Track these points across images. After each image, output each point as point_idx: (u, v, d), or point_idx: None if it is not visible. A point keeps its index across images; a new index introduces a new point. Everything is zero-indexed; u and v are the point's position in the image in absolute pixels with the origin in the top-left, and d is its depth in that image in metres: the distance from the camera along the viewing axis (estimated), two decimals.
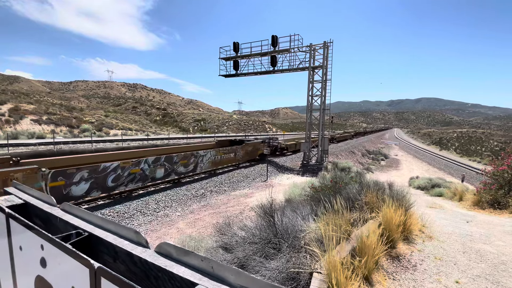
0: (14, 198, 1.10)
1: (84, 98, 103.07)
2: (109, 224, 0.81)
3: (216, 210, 9.47)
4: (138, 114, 75.67)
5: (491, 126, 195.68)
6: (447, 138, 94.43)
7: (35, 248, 0.78)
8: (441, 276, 3.32)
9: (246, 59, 20.73)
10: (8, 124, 25.62)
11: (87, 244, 0.79)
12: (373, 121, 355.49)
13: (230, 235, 4.58)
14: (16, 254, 0.90)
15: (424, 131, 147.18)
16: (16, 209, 0.98)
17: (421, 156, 48.82)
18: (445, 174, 30.38)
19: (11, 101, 33.33)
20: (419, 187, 13.92)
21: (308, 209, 4.93)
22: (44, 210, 0.95)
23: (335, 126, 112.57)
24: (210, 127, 65.00)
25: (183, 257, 0.64)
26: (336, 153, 27.82)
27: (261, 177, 15.11)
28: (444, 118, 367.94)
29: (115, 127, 36.19)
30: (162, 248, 0.68)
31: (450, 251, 4.06)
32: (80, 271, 0.62)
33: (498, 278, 3.27)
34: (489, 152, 66.09)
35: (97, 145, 19.48)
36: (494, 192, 7.79)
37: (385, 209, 4.24)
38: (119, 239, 0.75)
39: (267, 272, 3.15)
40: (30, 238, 0.78)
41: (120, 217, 8.29)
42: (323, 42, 18.35)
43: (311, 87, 19.17)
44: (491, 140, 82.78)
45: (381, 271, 3.41)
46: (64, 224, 0.88)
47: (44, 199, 1.03)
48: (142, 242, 0.72)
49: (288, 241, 3.60)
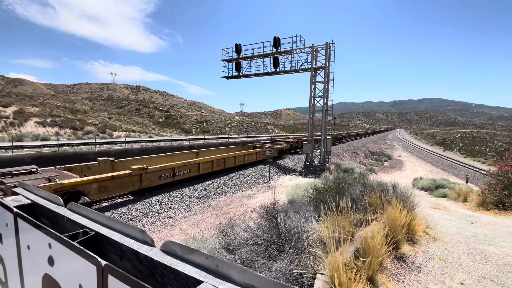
0: (22, 198, 1.11)
1: (88, 101, 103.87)
2: (115, 223, 0.83)
3: (219, 211, 9.48)
4: (141, 116, 76.08)
5: (495, 126, 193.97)
6: (451, 138, 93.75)
7: (43, 247, 0.79)
8: (445, 278, 3.30)
9: (248, 60, 20.78)
10: (12, 127, 25.89)
11: (94, 242, 0.81)
12: (376, 121, 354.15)
13: (233, 236, 4.59)
14: (24, 253, 0.92)
15: (427, 131, 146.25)
16: (24, 209, 1.00)
17: (424, 157, 48.51)
18: (449, 175, 30.13)
19: (15, 103, 33.68)
20: (423, 188, 13.81)
21: (311, 210, 4.92)
22: (51, 210, 0.97)
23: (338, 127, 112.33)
24: (212, 128, 65.14)
25: (188, 255, 0.65)
26: (339, 154, 27.73)
27: (263, 178, 15.10)
28: (448, 118, 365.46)
29: (119, 129, 36.41)
30: (168, 246, 0.69)
31: (454, 252, 4.03)
32: (88, 269, 0.63)
33: (503, 280, 3.24)
34: (493, 152, 65.48)
35: (100, 147, 19.60)
36: (499, 193, 7.71)
37: (390, 210, 4.21)
38: (125, 237, 0.76)
39: (270, 273, 3.15)
40: (38, 237, 0.80)
41: (124, 218, 8.33)
42: (325, 43, 18.35)
43: (313, 88, 19.16)
44: (495, 141, 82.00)
45: (385, 272, 3.39)
46: (71, 223, 0.89)
47: (51, 199, 1.05)
48: (148, 240, 0.73)
49: (291, 242, 3.60)
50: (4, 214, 0.98)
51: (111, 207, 8.98)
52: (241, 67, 21.16)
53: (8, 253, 1.01)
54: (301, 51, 18.90)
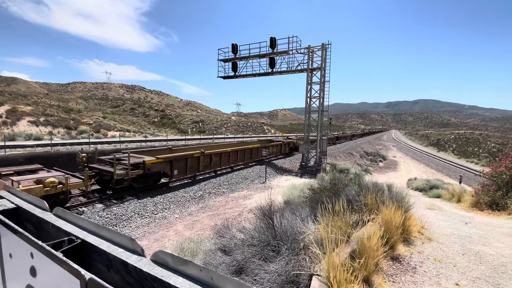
0: (6, 202, 1.06)
1: (82, 100, 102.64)
2: (103, 230, 0.78)
3: (215, 212, 9.41)
4: (136, 115, 75.42)
5: (488, 128, 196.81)
6: (444, 139, 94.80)
7: (25, 256, 0.74)
8: (440, 279, 3.30)
9: (244, 60, 20.73)
10: (5, 126, 25.42)
11: (80, 251, 0.76)
12: (371, 122, 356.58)
13: (229, 238, 4.54)
14: (6, 262, 0.87)
15: (421, 132, 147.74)
16: (8, 214, 0.95)
17: (419, 158, 48.97)
18: (443, 175, 30.44)
19: (8, 102, 33.10)
20: (417, 188, 13.91)
21: (307, 211, 4.90)
22: (36, 215, 0.91)
23: (333, 128, 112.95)
24: (208, 128, 64.87)
25: (181, 266, 0.61)
26: (335, 154, 27.84)
27: (259, 179, 15.07)
28: (442, 119, 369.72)
29: (113, 128, 36.02)
30: (158, 256, 0.65)
31: (449, 252, 4.04)
32: (71, 282, 0.58)
33: (498, 280, 3.26)
34: (486, 153, 66.40)
35: (96, 146, 19.36)
36: (492, 193, 7.79)
37: (385, 210, 4.21)
38: (113, 246, 0.72)
39: (266, 275, 3.12)
40: (20, 245, 0.75)
41: (118, 219, 8.21)
42: (321, 44, 18.40)
43: (310, 89, 19.20)
44: (488, 142, 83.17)
45: (381, 273, 3.38)
46: (56, 230, 0.84)
47: (36, 203, 0.99)
48: (138, 250, 0.69)
49: (287, 243, 3.57)
50: None
51: (106, 207, 8.85)
52: (238, 67, 21.10)
53: None
54: (298, 51, 18.92)
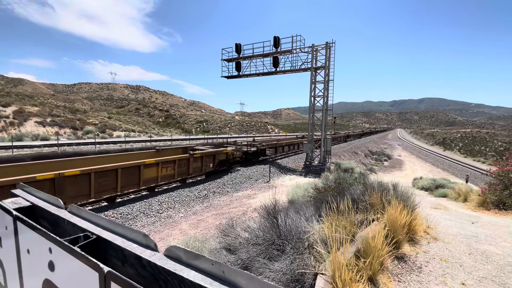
0: (21, 200, 1.09)
1: (88, 100, 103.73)
2: (117, 226, 0.81)
3: (219, 211, 9.46)
4: (141, 115, 75.99)
5: (495, 126, 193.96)
6: (450, 138, 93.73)
7: (43, 251, 0.77)
8: (446, 278, 3.29)
9: (248, 60, 20.75)
10: (12, 126, 25.84)
11: (96, 247, 0.79)
12: (376, 121, 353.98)
13: (234, 236, 4.57)
14: (23, 257, 0.90)
15: (427, 131, 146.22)
16: (24, 212, 0.98)
17: (424, 157, 48.51)
18: (449, 174, 30.12)
19: (15, 103, 33.63)
20: (423, 188, 13.79)
21: (312, 210, 4.90)
22: (51, 213, 0.95)
23: (338, 127, 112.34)
24: (212, 128, 65.08)
25: (193, 260, 0.63)
26: (339, 153, 27.72)
27: (263, 178, 15.09)
28: (448, 118, 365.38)
29: (118, 128, 36.36)
30: (172, 251, 0.67)
31: (455, 252, 4.02)
32: (89, 275, 0.61)
33: (505, 280, 3.23)
34: (493, 152, 65.49)
35: (100, 146, 19.57)
36: (499, 192, 7.70)
37: (390, 210, 4.20)
38: (127, 242, 0.74)
39: (271, 273, 3.14)
40: (38, 241, 0.78)
41: (124, 218, 8.31)
42: (325, 43, 18.32)
43: (314, 88, 19.13)
44: (495, 140, 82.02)
45: (386, 272, 3.38)
46: (71, 226, 0.87)
47: (51, 201, 1.03)
48: (151, 245, 0.71)
49: (292, 242, 3.58)
50: (3, 217, 0.96)
51: (111, 207, 8.95)
52: (241, 66, 21.13)
53: (7, 257, 0.99)
54: (301, 50, 18.87)
